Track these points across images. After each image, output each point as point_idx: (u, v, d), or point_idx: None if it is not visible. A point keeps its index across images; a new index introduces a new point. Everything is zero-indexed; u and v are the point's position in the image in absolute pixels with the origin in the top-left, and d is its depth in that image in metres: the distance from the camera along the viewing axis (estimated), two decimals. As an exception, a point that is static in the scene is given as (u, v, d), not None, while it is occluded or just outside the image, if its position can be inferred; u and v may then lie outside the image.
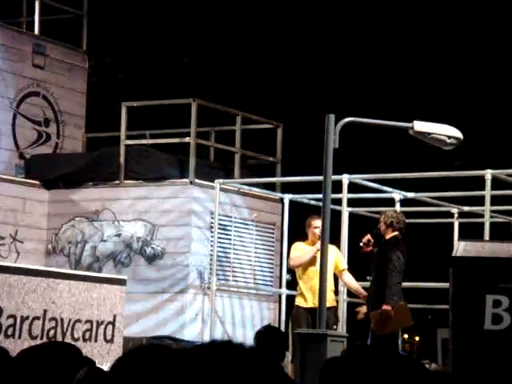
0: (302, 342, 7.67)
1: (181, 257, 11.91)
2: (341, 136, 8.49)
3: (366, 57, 20.48)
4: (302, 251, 10.01)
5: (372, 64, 20.44)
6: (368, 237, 9.73)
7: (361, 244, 9.77)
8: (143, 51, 20.30)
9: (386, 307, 9.24)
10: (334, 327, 9.74)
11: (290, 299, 11.56)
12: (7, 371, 2.51)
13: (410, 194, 11.63)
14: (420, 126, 8.61)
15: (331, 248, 9.59)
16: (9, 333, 8.09)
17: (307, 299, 9.79)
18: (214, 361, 1.78)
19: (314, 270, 9.70)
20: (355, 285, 10.14)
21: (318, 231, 9.67)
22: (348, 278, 10.15)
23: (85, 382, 2.91)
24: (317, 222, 9.73)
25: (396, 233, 9.72)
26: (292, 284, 11.60)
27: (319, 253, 9.63)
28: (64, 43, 13.62)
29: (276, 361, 5.38)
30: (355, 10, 20.64)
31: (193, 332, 11.72)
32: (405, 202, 11.75)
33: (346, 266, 10.28)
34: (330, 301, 9.27)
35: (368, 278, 10.06)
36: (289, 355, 8.89)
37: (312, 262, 9.80)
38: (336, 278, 10.36)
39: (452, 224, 12.21)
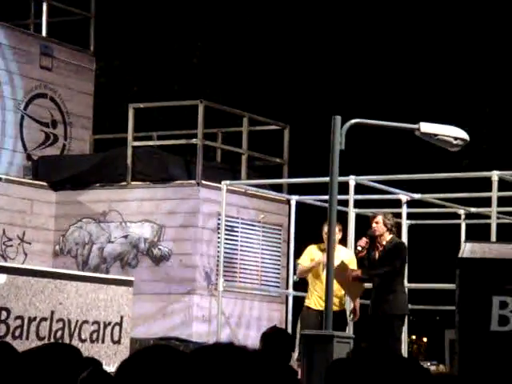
0: (309, 343, 7.68)
1: (188, 258, 11.93)
2: (347, 137, 8.49)
3: (373, 58, 20.48)
4: (310, 256, 9.96)
5: (378, 65, 20.45)
6: (366, 240, 9.69)
7: (359, 248, 9.73)
8: (150, 53, 20.34)
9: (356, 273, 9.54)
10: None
11: (297, 300, 11.57)
12: (11, 367, 2.53)
13: (417, 196, 11.63)
14: (426, 127, 8.61)
15: (343, 251, 9.56)
16: (16, 334, 8.12)
17: (317, 302, 9.78)
18: (216, 363, 1.80)
19: (325, 273, 9.70)
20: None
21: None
22: None
23: (88, 382, 2.93)
24: (327, 227, 9.70)
25: (392, 235, 9.75)
26: (298, 285, 11.61)
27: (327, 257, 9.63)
28: (71, 45, 13.66)
29: (283, 362, 5.39)
30: (362, 11, 20.65)
31: (200, 333, 11.74)
32: (411, 204, 11.75)
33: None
34: (337, 305, 9.25)
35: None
36: (295, 355, 8.90)
37: (323, 266, 9.78)
38: None
39: (459, 225, 12.21)
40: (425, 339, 25.96)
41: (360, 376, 2.73)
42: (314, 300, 9.87)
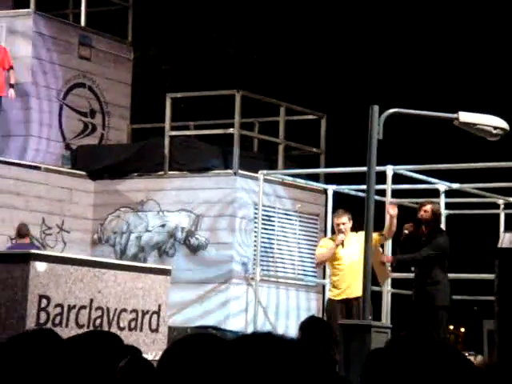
0: (346, 333, 7.66)
1: (225, 247, 11.97)
2: (385, 127, 8.45)
3: (411, 47, 20.34)
4: (326, 247, 9.90)
5: (417, 54, 20.30)
6: (413, 225, 9.67)
7: (405, 231, 9.69)
8: (187, 42, 20.38)
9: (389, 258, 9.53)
10: (370, 317, 9.71)
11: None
12: (56, 354, 2.57)
13: (455, 185, 11.55)
14: (465, 116, 8.54)
15: (360, 235, 9.50)
16: (56, 321, 8.21)
17: (339, 291, 9.73)
18: (257, 352, 1.81)
19: (344, 263, 9.64)
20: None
21: (342, 227, 9.57)
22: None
23: (127, 370, 2.95)
24: (337, 219, 9.64)
25: (437, 225, 9.72)
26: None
27: (347, 245, 9.57)
28: (109, 35, 13.73)
29: (322, 351, 5.39)
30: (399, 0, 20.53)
31: (237, 322, 11.77)
32: (450, 193, 11.67)
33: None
34: (359, 291, 9.21)
35: (413, 269, 10.00)
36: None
37: (340, 254, 9.71)
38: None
39: (498, 215, 12.10)
40: (462, 329, 25.82)
41: (399, 366, 2.71)
42: (336, 290, 9.79)
